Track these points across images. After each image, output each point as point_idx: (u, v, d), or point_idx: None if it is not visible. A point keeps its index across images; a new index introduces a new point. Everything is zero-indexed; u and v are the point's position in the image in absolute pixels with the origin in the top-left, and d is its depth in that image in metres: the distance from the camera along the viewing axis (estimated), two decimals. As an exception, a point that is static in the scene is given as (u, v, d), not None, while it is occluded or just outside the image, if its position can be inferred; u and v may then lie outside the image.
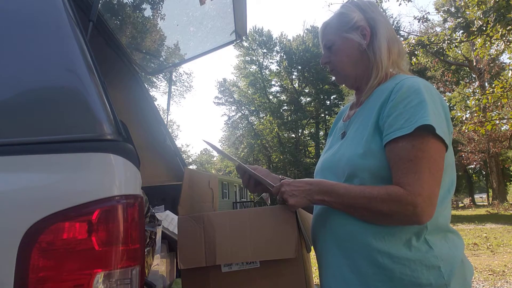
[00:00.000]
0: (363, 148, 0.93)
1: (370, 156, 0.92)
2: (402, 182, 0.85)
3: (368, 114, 0.99)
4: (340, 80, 1.13)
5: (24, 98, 0.82)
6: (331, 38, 1.09)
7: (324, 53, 1.11)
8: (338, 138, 1.12)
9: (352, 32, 1.06)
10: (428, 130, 0.85)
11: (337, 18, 1.10)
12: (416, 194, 0.83)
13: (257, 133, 39.47)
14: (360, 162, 0.93)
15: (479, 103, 7.45)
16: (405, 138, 0.86)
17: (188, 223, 1.17)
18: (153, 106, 2.43)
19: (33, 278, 0.69)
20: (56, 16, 0.87)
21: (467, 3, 6.76)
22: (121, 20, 2.27)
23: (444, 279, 0.87)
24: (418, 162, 0.85)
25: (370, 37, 1.05)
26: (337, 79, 1.13)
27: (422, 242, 0.90)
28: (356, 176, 0.93)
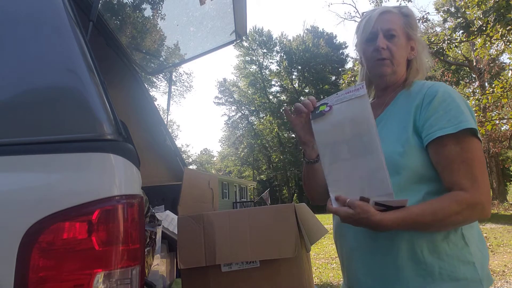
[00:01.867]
0: (403, 147, 0.96)
1: (410, 154, 0.96)
2: (461, 184, 0.90)
3: (402, 115, 1.02)
4: (387, 72, 1.07)
5: (24, 98, 0.82)
6: (397, 29, 1.07)
7: (382, 38, 1.06)
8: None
9: (411, 39, 1.11)
10: (471, 133, 0.92)
11: (405, 16, 1.10)
12: (479, 193, 0.89)
13: (257, 133, 39.46)
14: (401, 160, 0.96)
15: (479, 103, 7.46)
16: (450, 139, 0.92)
17: (188, 223, 1.17)
18: (153, 106, 2.43)
19: (33, 278, 0.69)
20: (56, 16, 0.88)
21: (467, 3, 6.76)
22: (121, 20, 2.27)
23: (479, 274, 0.93)
24: (470, 163, 0.90)
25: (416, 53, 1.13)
26: (386, 70, 1.07)
27: (460, 237, 0.95)
28: (396, 173, 0.95)
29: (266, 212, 1.17)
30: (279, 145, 38.48)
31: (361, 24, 1.11)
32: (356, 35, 1.17)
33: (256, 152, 39.42)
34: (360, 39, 1.13)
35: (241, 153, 40.56)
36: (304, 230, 1.16)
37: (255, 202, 26.57)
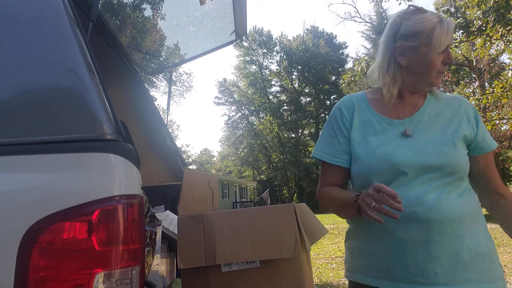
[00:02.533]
0: (461, 151, 1.08)
1: (465, 158, 1.09)
2: (502, 185, 1.15)
3: (444, 120, 1.12)
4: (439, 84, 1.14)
5: (24, 98, 0.82)
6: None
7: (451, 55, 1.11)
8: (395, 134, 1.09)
9: None
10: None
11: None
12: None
13: (257, 133, 39.47)
14: (462, 162, 1.07)
15: (479, 103, 7.45)
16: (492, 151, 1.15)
17: (188, 223, 1.17)
18: (153, 106, 2.43)
19: (33, 278, 0.69)
20: (56, 16, 0.87)
21: (467, 3, 6.76)
22: (121, 20, 2.27)
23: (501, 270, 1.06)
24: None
25: None
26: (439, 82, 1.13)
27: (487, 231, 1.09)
28: (456, 173, 1.05)
29: (266, 212, 1.17)
30: (279, 145, 38.49)
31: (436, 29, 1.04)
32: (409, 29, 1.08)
33: (256, 152, 39.43)
34: (427, 41, 1.05)
35: (241, 153, 40.57)
36: (304, 230, 1.16)
37: (255, 202, 26.56)
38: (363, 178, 1.10)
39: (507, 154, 22.61)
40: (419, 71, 1.10)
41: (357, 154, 1.11)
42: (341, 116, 1.17)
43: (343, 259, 5.97)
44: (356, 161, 1.12)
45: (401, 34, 1.10)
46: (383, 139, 1.10)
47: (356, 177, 1.14)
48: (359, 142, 1.12)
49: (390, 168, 1.05)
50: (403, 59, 1.10)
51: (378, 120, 1.14)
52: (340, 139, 1.15)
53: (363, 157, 1.09)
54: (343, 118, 1.17)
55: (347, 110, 1.18)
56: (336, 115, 1.19)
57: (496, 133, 13.93)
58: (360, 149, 1.11)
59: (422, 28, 1.06)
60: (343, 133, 1.16)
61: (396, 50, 1.11)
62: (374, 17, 32.53)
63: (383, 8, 31.98)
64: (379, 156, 1.06)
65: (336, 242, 8.19)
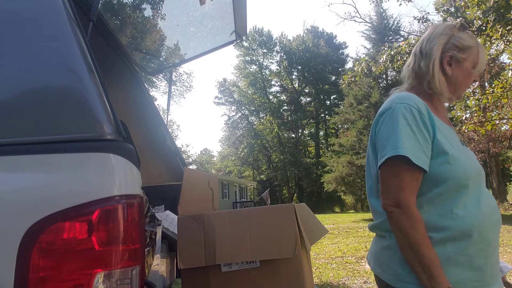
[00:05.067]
0: None
1: None
2: None
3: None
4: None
5: (24, 98, 0.82)
6: None
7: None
8: (458, 142, 1.15)
9: None
10: None
11: None
12: None
13: (257, 133, 39.48)
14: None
15: (479, 103, 7.45)
16: None
17: (188, 223, 1.17)
18: (153, 106, 2.43)
19: (33, 278, 0.69)
20: (56, 16, 0.88)
21: (466, 3, 6.76)
22: (121, 20, 2.27)
23: None
24: None
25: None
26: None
27: None
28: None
29: (266, 212, 1.17)
30: (279, 145, 38.49)
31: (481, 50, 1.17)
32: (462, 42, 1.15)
33: (256, 152, 39.44)
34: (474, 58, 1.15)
35: (241, 153, 40.57)
36: (304, 230, 1.16)
37: (255, 202, 26.57)
38: (458, 181, 1.03)
39: (507, 154, 22.61)
40: (459, 84, 1.16)
41: (454, 156, 1.05)
42: (421, 117, 1.07)
43: (343, 259, 5.98)
44: (452, 164, 1.04)
45: (453, 45, 1.15)
46: (458, 145, 1.11)
47: (446, 179, 1.04)
48: (449, 145, 1.06)
49: (478, 173, 1.09)
50: (449, 69, 1.15)
51: (444, 125, 1.14)
52: (422, 141, 1.04)
53: (463, 160, 1.05)
54: (423, 118, 1.07)
55: (424, 109, 1.09)
56: (415, 116, 1.06)
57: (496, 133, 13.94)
58: (454, 151, 1.05)
59: (472, 45, 1.15)
60: (424, 134, 1.05)
61: (445, 59, 1.15)
62: (374, 17, 32.54)
63: (383, 8, 32.00)
64: (472, 161, 1.09)
65: (336, 242, 8.19)
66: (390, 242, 1.09)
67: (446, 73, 1.15)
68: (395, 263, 1.06)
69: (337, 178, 25.74)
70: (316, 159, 37.94)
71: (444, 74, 1.15)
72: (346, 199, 32.59)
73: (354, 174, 24.88)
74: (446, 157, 1.04)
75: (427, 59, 1.16)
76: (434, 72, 1.14)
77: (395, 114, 1.07)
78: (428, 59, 1.16)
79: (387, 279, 1.08)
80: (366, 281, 4.40)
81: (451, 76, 1.15)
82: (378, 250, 1.14)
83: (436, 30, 1.19)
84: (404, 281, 1.03)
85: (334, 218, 18.20)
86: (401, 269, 1.05)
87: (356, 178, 24.92)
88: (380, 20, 32.42)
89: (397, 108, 1.08)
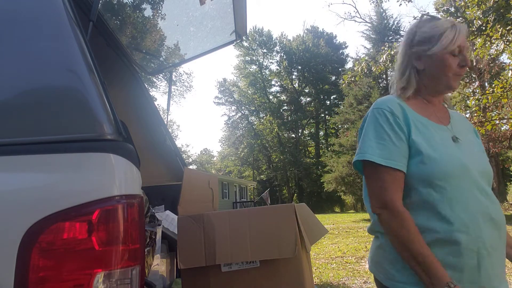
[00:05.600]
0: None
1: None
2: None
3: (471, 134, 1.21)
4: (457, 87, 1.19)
5: (24, 98, 0.82)
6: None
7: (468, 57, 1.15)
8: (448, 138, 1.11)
9: None
10: None
11: None
12: None
13: (257, 133, 39.48)
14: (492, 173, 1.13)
15: (479, 103, 7.45)
16: None
17: (188, 223, 1.17)
18: (153, 106, 2.43)
19: (33, 278, 0.69)
20: (56, 16, 0.88)
21: (466, 3, 6.76)
22: (121, 20, 2.27)
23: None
24: None
25: None
26: (457, 86, 1.17)
27: None
28: (491, 180, 1.11)
29: (266, 212, 1.17)
30: (279, 145, 38.49)
31: (447, 31, 1.11)
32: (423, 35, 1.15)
33: (256, 152, 39.44)
34: (440, 46, 1.11)
35: (241, 153, 40.58)
36: (304, 230, 1.16)
37: (255, 202, 26.57)
38: (435, 180, 1.02)
39: (507, 154, 22.62)
40: (435, 72, 1.14)
41: (429, 156, 1.04)
42: (394, 118, 1.09)
43: (343, 259, 5.98)
44: (426, 163, 1.04)
45: (417, 41, 1.16)
46: (443, 143, 1.08)
47: (423, 179, 1.04)
48: (424, 144, 1.06)
49: (463, 171, 1.04)
50: (420, 63, 1.16)
51: (428, 123, 1.12)
52: (396, 142, 1.06)
53: (439, 159, 1.04)
54: (396, 119, 1.09)
55: (398, 111, 1.10)
56: (387, 117, 1.09)
57: (496, 133, 13.94)
58: (431, 150, 1.05)
59: (435, 32, 1.13)
60: (399, 135, 1.07)
61: (413, 56, 1.17)
62: (374, 17, 32.55)
63: (383, 8, 32.00)
64: (455, 159, 1.05)
65: (336, 242, 8.19)
66: (381, 241, 1.11)
67: (419, 69, 1.17)
68: (386, 262, 1.08)
69: (337, 178, 25.75)
70: (316, 159, 37.94)
71: (417, 70, 1.17)
72: (346, 199, 32.58)
73: (354, 174, 24.88)
74: (420, 157, 1.05)
75: (397, 62, 1.23)
76: (407, 72, 1.19)
77: (369, 119, 1.12)
78: (400, 61, 1.21)
79: (381, 278, 1.10)
80: (366, 281, 4.40)
81: (426, 69, 1.15)
82: (373, 250, 1.16)
83: (405, 32, 1.24)
84: (394, 280, 1.05)
85: (334, 218, 18.20)
86: (391, 268, 1.06)
87: (356, 178, 24.92)
88: (380, 20, 32.43)
89: (371, 113, 1.13)
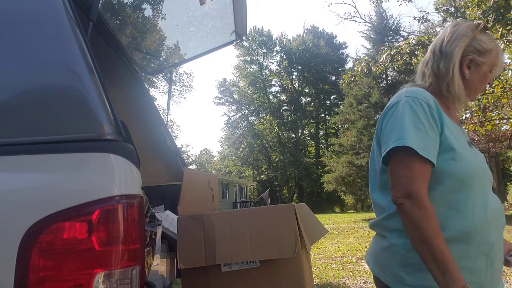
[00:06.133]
0: None
1: None
2: None
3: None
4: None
5: (24, 98, 0.82)
6: None
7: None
8: (466, 142, 1.11)
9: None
10: None
11: None
12: None
13: (257, 133, 39.48)
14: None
15: (479, 103, 7.44)
16: None
17: (188, 223, 1.17)
18: (153, 106, 2.43)
19: (33, 278, 0.69)
20: (56, 16, 0.88)
21: (466, 3, 6.76)
22: (121, 20, 2.27)
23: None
24: None
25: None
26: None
27: None
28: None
29: (266, 212, 1.17)
30: (279, 145, 38.49)
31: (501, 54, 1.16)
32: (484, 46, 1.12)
33: (256, 152, 39.43)
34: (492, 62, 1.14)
35: (241, 153, 40.57)
36: (304, 230, 1.16)
37: (255, 202, 26.57)
38: (464, 178, 1.01)
39: (507, 154, 22.62)
40: (474, 87, 1.15)
41: (460, 153, 1.03)
42: (430, 110, 1.05)
43: (343, 259, 5.98)
44: (457, 161, 1.03)
45: (474, 48, 1.13)
46: (464, 145, 1.08)
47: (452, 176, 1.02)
48: (456, 143, 1.05)
49: (483, 175, 1.07)
50: (468, 72, 1.14)
51: (451, 123, 1.12)
52: (431, 134, 1.02)
53: (467, 158, 1.03)
54: (433, 112, 1.05)
55: (435, 105, 1.07)
56: (424, 109, 1.05)
57: (496, 133, 13.94)
58: (461, 148, 1.04)
59: (493, 48, 1.12)
60: (434, 128, 1.03)
61: (465, 62, 1.13)
62: (374, 17, 32.53)
63: (383, 8, 31.99)
64: (477, 161, 1.06)
65: (336, 242, 8.19)
66: (390, 243, 1.06)
67: (465, 76, 1.13)
68: (395, 265, 1.04)
69: (337, 178, 25.75)
70: (316, 159, 37.94)
71: (463, 77, 1.13)
72: (346, 199, 32.60)
73: (354, 174, 24.89)
74: (452, 154, 1.02)
75: (447, 61, 1.13)
76: (454, 75, 1.12)
77: (404, 107, 1.05)
78: (448, 61, 1.13)
79: (386, 280, 1.06)
80: (366, 281, 4.40)
81: (469, 79, 1.14)
82: (377, 250, 1.12)
83: (458, 30, 1.15)
84: (404, 283, 1.01)
85: (334, 218, 18.20)
86: (401, 271, 1.03)
87: (356, 178, 24.93)
88: (380, 20, 32.42)
89: (405, 102, 1.06)
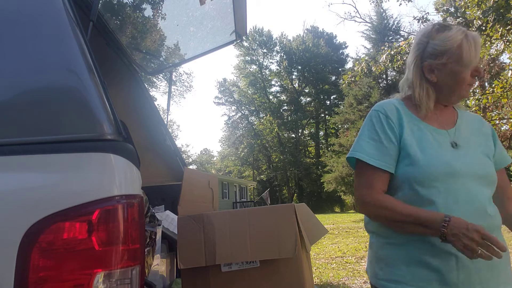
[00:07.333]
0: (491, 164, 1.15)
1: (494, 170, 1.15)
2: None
3: (479, 137, 1.19)
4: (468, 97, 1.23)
5: (24, 98, 0.82)
6: None
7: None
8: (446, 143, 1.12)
9: None
10: None
11: None
12: None
13: (257, 133, 39.48)
14: (494, 174, 1.14)
15: (479, 103, 7.44)
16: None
17: (188, 223, 1.17)
18: (153, 106, 2.43)
19: (33, 278, 0.69)
20: (56, 16, 0.88)
21: (466, 3, 6.75)
22: (121, 20, 2.27)
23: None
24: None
25: None
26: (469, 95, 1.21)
27: None
28: (494, 184, 1.13)
29: (266, 212, 1.17)
30: (279, 145, 38.50)
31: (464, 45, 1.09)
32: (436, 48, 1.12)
33: (256, 152, 39.43)
34: (456, 58, 1.10)
35: (241, 153, 40.57)
36: (304, 230, 1.16)
37: (255, 202, 26.57)
38: (421, 182, 1.05)
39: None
40: (450, 87, 1.13)
41: (416, 158, 1.07)
42: (386, 120, 1.13)
43: (343, 259, 5.98)
44: (413, 165, 1.07)
45: (429, 53, 1.14)
46: (437, 147, 1.10)
47: (409, 181, 1.07)
48: (415, 147, 1.09)
49: (452, 175, 1.05)
50: (433, 76, 1.14)
51: (425, 127, 1.13)
52: (386, 144, 1.11)
53: (425, 161, 1.06)
54: (389, 122, 1.13)
55: (393, 114, 1.14)
56: (381, 119, 1.14)
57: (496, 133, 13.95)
58: (418, 153, 1.08)
59: (449, 46, 1.10)
60: (390, 137, 1.11)
61: (425, 69, 1.14)
62: (374, 17, 32.55)
63: (383, 8, 31.99)
64: (443, 162, 1.06)
65: (336, 242, 8.19)
66: (370, 242, 1.19)
67: (431, 81, 1.14)
68: (373, 261, 1.15)
69: (337, 178, 25.76)
70: (316, 159, 37.95)
71: (430, 82, 1.14)
72: (346, 199, 32.57)
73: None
74: (408, 160, 1.08)
75: (409, 71, 1.19)
76: (415, 84, 1.16)
77: (365, 120, 1.19)
78: (409, 71, 1.19)
79: (370, 276, 1.16)
80: (366, 281, 4.40)
81: (438, 82, 1.13)
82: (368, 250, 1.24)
83: (415, 39, 1.19)
84: (378, 278, 1.11)
85: (334, 218, 18.20)
86: (376, 267, 1.13)
87: (356, 178, 24.89)
88: (380, 20, 32.42)
89: (368, 115, 1.19)
